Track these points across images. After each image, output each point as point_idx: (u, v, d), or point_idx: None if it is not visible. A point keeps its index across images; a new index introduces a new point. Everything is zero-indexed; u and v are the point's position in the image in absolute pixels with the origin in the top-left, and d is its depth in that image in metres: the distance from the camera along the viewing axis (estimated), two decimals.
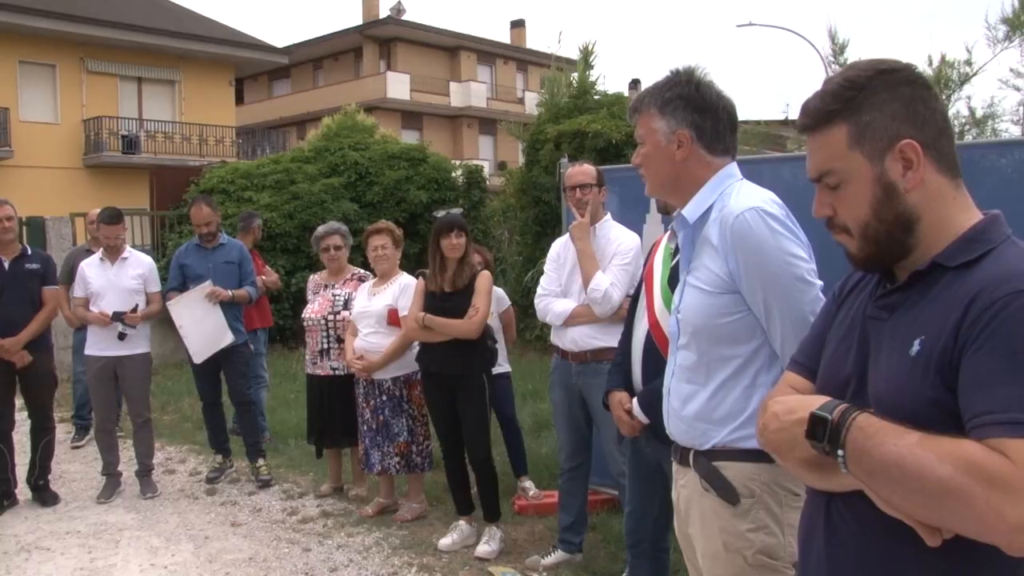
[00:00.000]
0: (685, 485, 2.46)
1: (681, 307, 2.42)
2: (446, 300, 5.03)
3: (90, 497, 6.37)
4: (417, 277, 5.32)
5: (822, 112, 1.58)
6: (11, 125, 24.24)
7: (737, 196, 2.32)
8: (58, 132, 25.88)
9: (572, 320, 4.54)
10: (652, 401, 3.13)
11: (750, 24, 26.64)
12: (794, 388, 1.73)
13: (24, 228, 10.80)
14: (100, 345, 6.28)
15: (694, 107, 2.37)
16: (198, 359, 6.49)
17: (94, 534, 5.61)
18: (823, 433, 1.45)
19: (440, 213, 5.26)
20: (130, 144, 26.41)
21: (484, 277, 5.08)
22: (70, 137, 26.12)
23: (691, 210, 2.37)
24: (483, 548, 4.96)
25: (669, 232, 3.33)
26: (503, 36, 47.70)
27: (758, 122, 13.98)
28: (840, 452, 1.42)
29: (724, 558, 2.32)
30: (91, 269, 6.35)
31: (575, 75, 12.20)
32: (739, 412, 2.31)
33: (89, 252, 7.75)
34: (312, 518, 5.75)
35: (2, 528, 5.76)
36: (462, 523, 5.20)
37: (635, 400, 3.21)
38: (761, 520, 2.28)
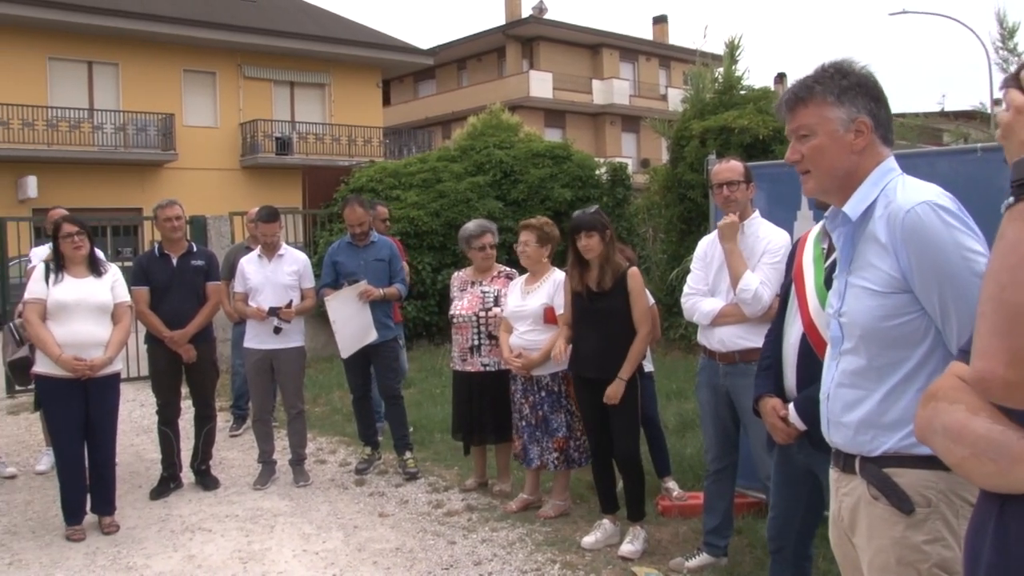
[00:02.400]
0: (849, 493, 2.34)
1: (844, 309, 2.30)
2: (594, 300, 4.99)
3: (247, 483, 6.64)
4: (567, 274, 5.31)
5: None
6: (176, 130, 25.61)
7: (903, 190, 2.21)
8: (217, 135, 27.23)
9: (720, 320, 4.46)
10: (810, 407, 3.03)
11: (903, 12, 25.54)
12: (961, 378, 1.62)
13: (187, 226, 11.33)
14: (258, 339, 6.54)
15: (871, 95, 2.28)
16: (345, 354, 6.66)
17: (251, 518, 5.85)
18: None
19: (576, 213, 5.22)
20: (283, 146, 27.49)
21: (635, 278, 4.99)
22: (228, 140, 27.44)
23: (853, 206, 2.27)
24: (627, 548, 4.92)
25: (818, 230, 3.22)
26: (645, 32, 47.30)
27: (914, 115, 13.39)
28: None
29: (895, 571, 2.20)
30: (250, 265, 6.62)
31: (720, 70, 11.96)
32: (912, 417, 2.18)
33: (248, 249, 8.08)
34: (457, 511, 5.83)
35: (169, 509, 6.08)
36: (606, 522, 5.17)
37: (791, 406, 3.11)
38: (938, 532, 2.15)
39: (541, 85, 37.99)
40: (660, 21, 47.83)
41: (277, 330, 6.44)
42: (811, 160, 2.33)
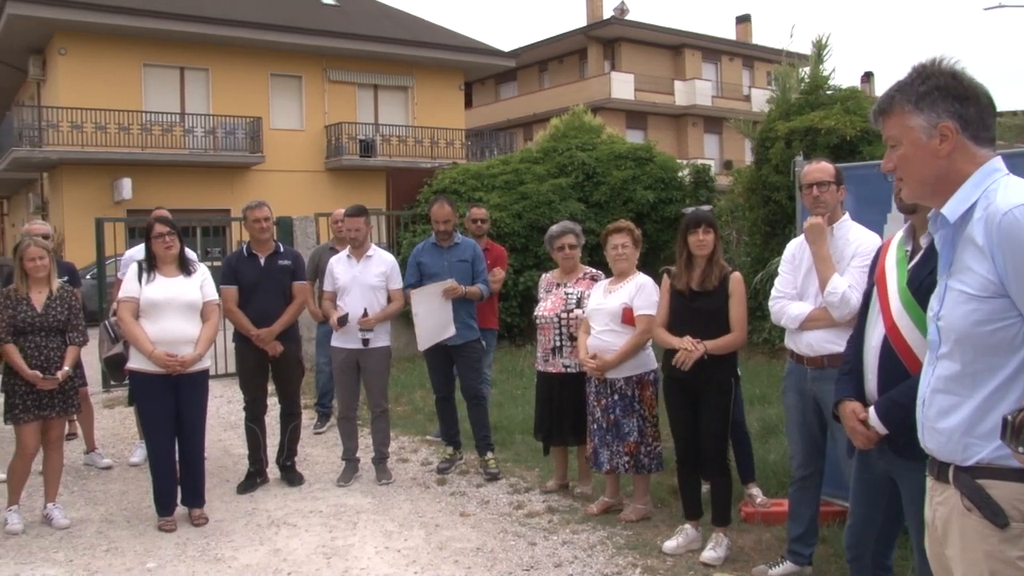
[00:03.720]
0: (943, 503, 2.28)
1: (942, 313, 2.24)
2: (694, 300, 4.93)
3: (331, 480, 6.73)
4: (662, 275, 5.25)
5: None
6: (263, 133, 26.19)
7: (1005, 192, 2.13)
8: (303, 138, 27.76)
9: (808, 324, 4.38)
10: (892, 411, 2.96)
11: (999, 6, 24.68)
12: None
13: (275, 227, 11.55)
14: (344, 338, 6.62)
15: (954, 96, 2.21)
16: (422, 346, 6.72)
17: (334, 514, 5.93)
18: None
19: (689, 209, 5.16)
20: (367, 148, 27.88)
21: (737, 281, 4.92)
22: (313, 142, 27.95)
23: (952, 208, 2.20)
24: (709, 554, 4.86)
25: (903, 233, 3.15)
26: (728, 32, 46.75)
27: (1014, 113, 12.94)
28: None
29: None
30: (339, 265, 6.71)
31: (806, 70, 11.73)
32: None
33: (333, 250, 8.20)
34: (538, 513, 5.83)
35: (255, 503, 6.22)
36: (688, 527, 5.11)
37: (872, 410, 3.05)
38: None
39: (623, 86, 37.81)
40: (743, 20, 47.23)
41: (365, 342, 6.52)
42: (902, 169, 2.30)
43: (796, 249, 4.58)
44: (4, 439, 6.09)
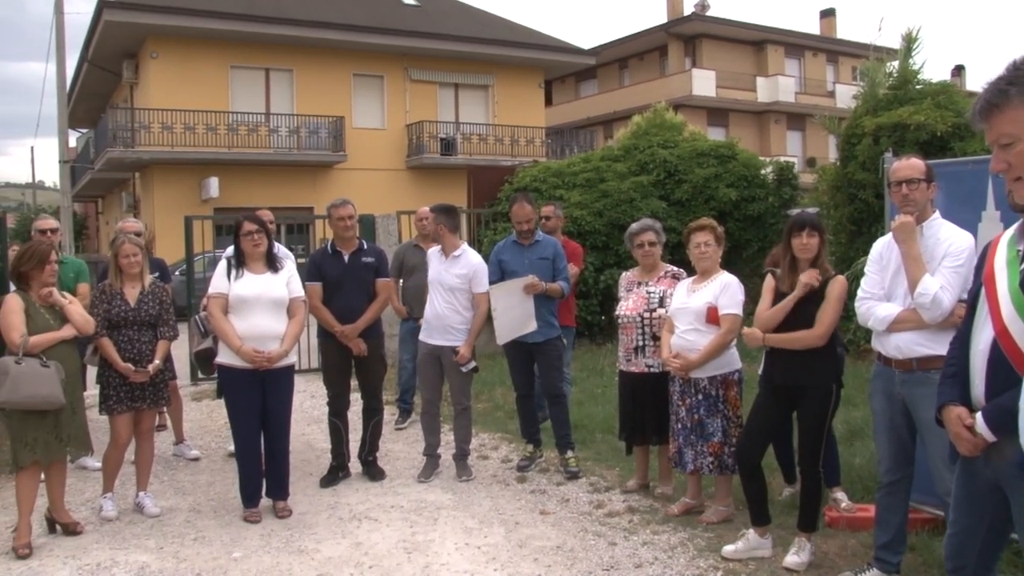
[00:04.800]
0: None
1: None
2: (797, 304, 4.79)
3: (411, 476, 6.78)
4: (765, 274, 5.14)
5: None
6: (346, 132, 26.57)
7: None
8: (384, 137, 28.09)
9: (896, 326, 4.25)
10: (1001, 417, 2.85)
11: None
12: None
13: (358, 225, 11.71)
14: (428, 333, 6.67)
15: None
16: (500, 340, 6.70)
17: (415, 510, 5.97)
18: None
19: (794, 211, 5.06)
20: (448, 146, 28.09)
21: (838, 283, 4.77)
22: (395, 141, 28.26)
23: None
24: (792, 559, 4.75)
25: (1014, 232, 3.02)
26: (812, 27, 45.86)
27: None
28: None
29: None
30: (432, 260, 6.76)
31: (894, 64, 11.42)
32: None
33: (416, 247, 8.28)
34: (618, 512, 5.79)
35: (337, 497, 6.30)
36: (751, 532, 5.00)
37: (979, 415, 2.93)
38: None
39: (704, 83, 37.43)
40: (828, 15, 46.35)
41: (476, 370, 6.62)
42: (1021, 167, 2.18)
43: (884, 248, 4.45)
44: (99, 429, 6.30)
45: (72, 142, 34.21)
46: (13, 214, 41.26)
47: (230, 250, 7.19)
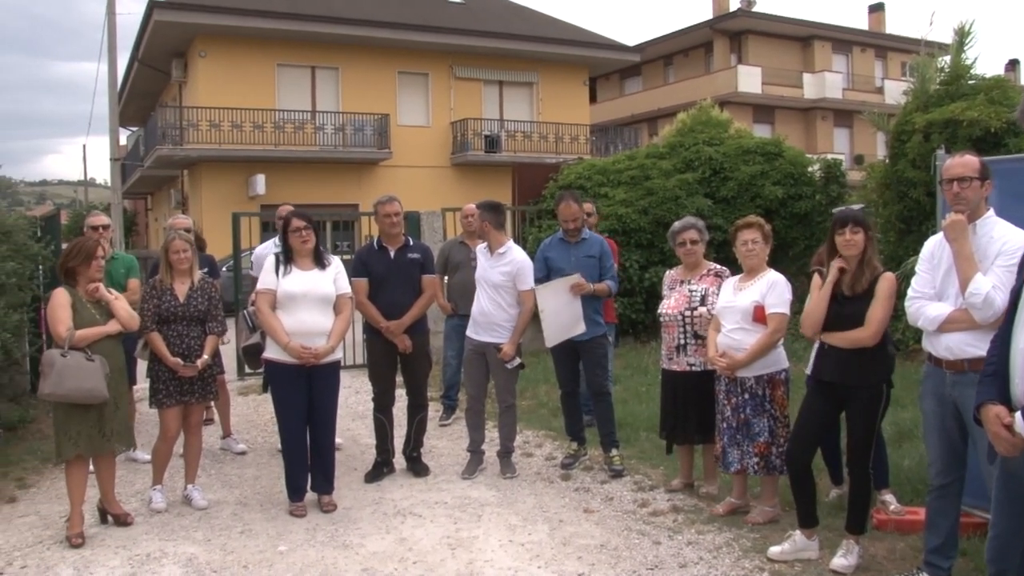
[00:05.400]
0: None
1: None
2: (844, 304, 4.71)
3: (455, 472, 6.80)
4: (812, 273, 5.06)
5: None
6: (391, 130, 26.72)
7: None
8: (429, 134, 28.22)
9: (947, 326, 4.18)
10: None
11: None
12: None
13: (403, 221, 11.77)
14: (474, 329, 6.69)
15: None
16: (550, 343, 6.69)
17: (459, 506, 5.99)
18: None
19: (839, 208, 4.98)
20: (492, 143, 28.13)
21: (887, 280, 4.67)
22: (439, 138, 28.37)
23: None
24: (839, 561, 4.69)
25: None
26: (860, 22, 45.26)
27: None
28: None
29: None
30: (480, 256, 6.78)
31: (946, 59, 11.21)
32: None
33: (462, 244, 8.29)
34: (662, 512, 5.76)
35: (382, 492, 6.33)
36: (798, 533, 4.94)
37: (1018, 415, 2.88)
38: None
39: (749, 80, 37.09)
40: (876, 9, 45.71)
41: (521, 367, 6.61)
42: None
43: (935, 247, 4.37)
44: (148, 422, 6.39)
45: (122, 140, 34.74)
46: (66, 211, 42.10)
47: (263, 246, 7.28)
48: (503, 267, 6.57)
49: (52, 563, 5.08)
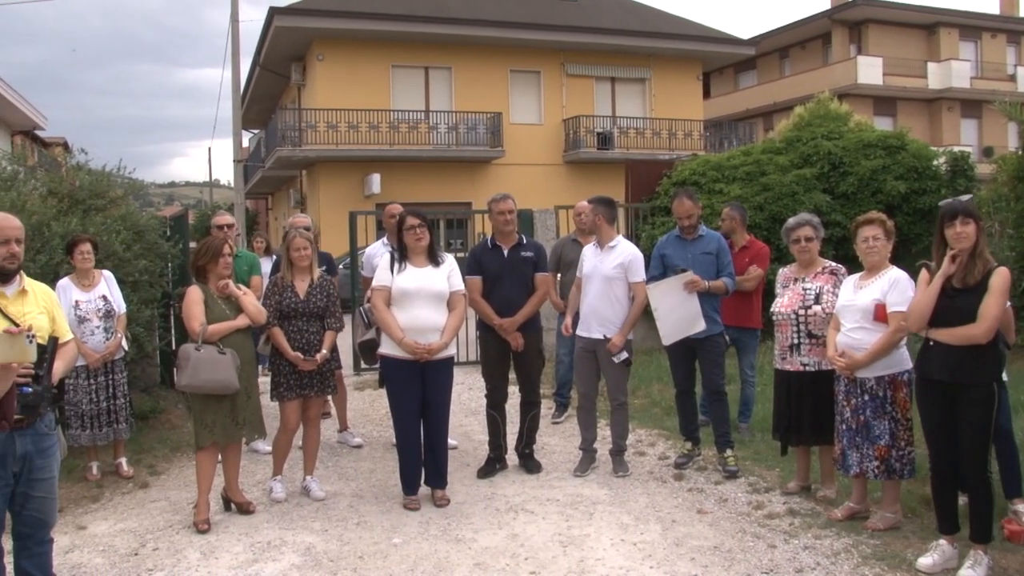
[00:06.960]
0: None
1: None
2: (954, 298, 4.55)
3: (567, 469, 6.80)
4: (919, 269, 4.90)
5: None
6: (503, 128, 26.89)
7: None
8: (541, 132, 28.27)
9: None
10: None
11: None
12: None
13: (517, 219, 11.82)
14: (584, 327, 6.68)
15: None
16: (666, 341, 6.64)
17: (571, 504, 5.99)
18: None
19: (945, 201, 4.79)
20: (604, 140, 28.00)
21: (1001, 275, 4.48)
22: (551, 136, 28.40)
23: None
24: (967, 572, 4.49)
25: None
26: (991, 7, 43.28)
27: None
28: None
29: None
30: (587, 252, 6.80)
31: None
32: None
33: (575, 242, 8.28)
34: (778, 515, 5.64)
35: (494, 488, 6.39)
36: (944, 543, 4.73)
37: None
38: None
39: (870, 71, 35.89)
40: None
41: (628, 363, 6.58)
42: None
43: None
44: (269, 415, 6.58)
45: (245, 142, 35.94)
46: (192, 211, 43.73)
47: (373, 247, 7.40)
48: (615, 259, 6.55)
49: (181, 547, 5.31)
